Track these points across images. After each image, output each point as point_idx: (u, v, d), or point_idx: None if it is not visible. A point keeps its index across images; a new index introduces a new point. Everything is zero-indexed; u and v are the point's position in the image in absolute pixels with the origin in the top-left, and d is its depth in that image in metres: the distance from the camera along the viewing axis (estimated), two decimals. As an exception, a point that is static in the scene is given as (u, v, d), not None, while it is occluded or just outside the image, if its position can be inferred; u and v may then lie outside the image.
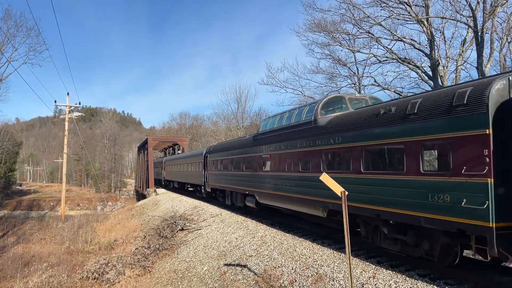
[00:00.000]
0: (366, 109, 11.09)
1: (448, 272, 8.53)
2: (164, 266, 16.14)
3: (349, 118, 11.34)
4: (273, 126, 16.44)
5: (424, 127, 8.23)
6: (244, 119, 55.89)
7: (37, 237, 29.87)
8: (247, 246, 13.98)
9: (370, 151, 9.90)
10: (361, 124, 10.39)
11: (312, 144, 12.76)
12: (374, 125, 9.78)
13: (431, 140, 8.08)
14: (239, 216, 19.72)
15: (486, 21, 19.63)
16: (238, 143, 21.16)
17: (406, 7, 22.33)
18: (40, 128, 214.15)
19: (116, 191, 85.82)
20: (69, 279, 16.43)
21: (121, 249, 20.89)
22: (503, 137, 6.89)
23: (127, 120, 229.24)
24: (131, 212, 36.22)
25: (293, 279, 10.17)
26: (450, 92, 7.95)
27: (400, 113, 9.01)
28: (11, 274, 18.34)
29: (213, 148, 26.71)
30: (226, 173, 22.33)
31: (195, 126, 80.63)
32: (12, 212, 54.85)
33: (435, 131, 7.96)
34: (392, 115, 9.26)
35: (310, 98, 29.55)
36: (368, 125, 10.01)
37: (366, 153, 10.03)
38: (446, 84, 22.12)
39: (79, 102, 40.98)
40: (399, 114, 9.02)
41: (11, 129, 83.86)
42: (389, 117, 9.31)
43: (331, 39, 26.33)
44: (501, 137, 6.89)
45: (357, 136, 10.38)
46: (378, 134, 9.58)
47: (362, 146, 10.10)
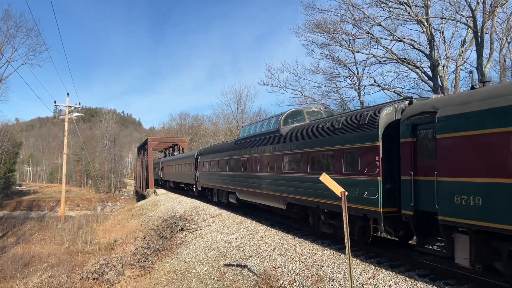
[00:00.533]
0: (312, 123, 14.01)
1: (447, 272, 8.54)
2: (164, 267, 16.14)
3: (301, 129, 14.20)
4: (249, 133, 19.29)
5: (344, 138, 11.05)
6: (244, 120, 55.84)
7: (37, 237, 29.84)
8: (247, 246, 13.98)
9: (313, 155, 12.74)
10: (307, 134, 13.33)
11: (276, 149, 15.57)
12: (315, 136, 12.71)
13: (348, 149, 10.86)
14: (239, 216, 19.73)
15: (486, 21, 19.64)
16: (223, 147, 24.02)
17: (406, 7, 22.32)
18: (40, 128, 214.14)
19: (116, 192, 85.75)
20: (69, 280, 16.42)
21: (121, 249, 20.89)
22: (389, 148, 9.66)
23: (127, 121, 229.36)
24: (131, 212, 36.22)
25: (293, 279, 10.17)
26: (360, 114, 10.77)
27: (331, 127, 11.85)
28: (11, 275, 18.33)
29: (203, 151, 29.31)
30: (213, 173, 24.99)
31: (194, 127, 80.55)
32: (11, 212, 54.84)
33: (351, 142, 10.74)
34: (326, 129, 12.13)
35: (310, 99, 29.58)
36: (312, 136, 12.93)
37: (311, 157, 12.83)
38: (446, 84, 22.13)
39: (79, 103, 40.93)
40: (330, 129, 11.85)
41: (11, 130, 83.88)
42: (325, 130, 12.19)
43: (331, 39, 26.32)
44: (388, 148, 9.67)
45: (305, 144, 13.25)
46: (318, 143, 12.43)
47: (309, 152, 12.97)
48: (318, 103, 29.89)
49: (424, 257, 9.95)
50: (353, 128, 10.75)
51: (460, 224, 7.70)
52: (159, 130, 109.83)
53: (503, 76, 22.50)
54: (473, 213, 7.31)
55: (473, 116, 7.49)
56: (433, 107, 8.60)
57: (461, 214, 7.57)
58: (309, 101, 29.87)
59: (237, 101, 56.17)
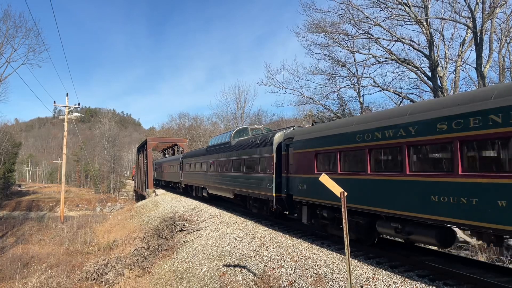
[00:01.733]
0: (247, 138, 20.34)
1: (446, 272, 8.54)
2: (163, 267, 16.12)
3: (241, 142, 20.19)
4: (214, 142, 25.32)
5: (259, 150, 17.20)
6: (243, 120, 55.89)
7: (36, 238, 29.83)
8: (247, 247, 13.98)
9: (247, 160, 18.73)
10: (244, 146, 19.38)
11: (228, 156, 21.67)
12: (247, 147, 18.79)
13: (262, 157, 16.81)
14: (238, 217, 19.72)
15: (485, 22, 19.65)
16: (198, 152, 30.04)
17: (405, 8, 22.34)
18: (39, 128, 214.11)
19: (115, 192, 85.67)
20: (68, 280, 16.40)
21: (120, 250, 20.88)
22: (278, 157, 15.58)
23: (127, 121, 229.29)
24: (130, 213, 36.19)
25: (292, 280, 10.16)
26: (267, 135, 16.97)
27: (254, 142, 17.90)
28: (10, 275, 18.33)
29: (186, 155, 35.23)
30: (192, 173, 31.00)
31: (194, 127, 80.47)
32: (11, 213, 54.84)
33: (262, 153, 16.86)
34: (252, 143, 18.10)
35: (310, 99, 29.57)
36: (246, 147, 18.96)
37: (246, 161, 18.89)
38: (445, 85, 22.14)
39: (78, 103, 40.97)
40: (254, 143, 17.91)
41: (10, 130, 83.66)
42: (252, 144, 18.15)
43: (331, 39, 26.33)
44: (278, 157, 15.60)
45: (243, 152, 19.33)
46: (249, 152, 18.45)
47: (244, 158, 19.04)
48: (317, 103, 29.92)
49: (424, 257, 9.99)
50: (263, 144, 16.92)
51: (302, 200, 13.79)
52: (159, 131, 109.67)
53: (502, 77, 22.51)
54: (305, 194, 13.40)
55: (302, 142, 13.77)
56: (292, 135, 14.67)
57: (302, 195, 13.68)
58: (309, 101, 29.87)
59: (237, 101, 56.28)
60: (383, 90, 26.08)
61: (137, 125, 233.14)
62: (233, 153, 20.70)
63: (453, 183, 7.65)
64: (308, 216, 13.65)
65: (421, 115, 8.56)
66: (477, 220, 7.17)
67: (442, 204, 7.85)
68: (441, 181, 7.93)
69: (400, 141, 9.03)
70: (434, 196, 8.03)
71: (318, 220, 13.06)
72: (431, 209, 8.12)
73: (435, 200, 8.02)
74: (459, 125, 7.60)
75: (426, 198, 8.20)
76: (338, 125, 11.85)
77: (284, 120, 63.26)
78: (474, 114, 7.33)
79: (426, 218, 8.29)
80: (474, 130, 7.32)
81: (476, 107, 7.33)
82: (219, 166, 23.10)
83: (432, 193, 8.07)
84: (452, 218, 7.66)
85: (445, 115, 7.91)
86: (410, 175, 8.73)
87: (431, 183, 8.16)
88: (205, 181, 26.52)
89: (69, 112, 40.07)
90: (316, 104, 30.39)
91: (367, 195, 10.10)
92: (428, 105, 8.74)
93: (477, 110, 7.28)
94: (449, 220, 7.74)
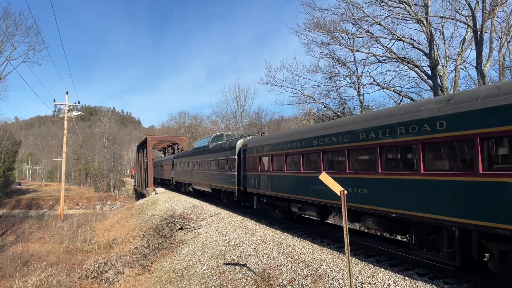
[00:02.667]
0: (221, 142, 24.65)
1: (448, 271, 8.55)
2: (163, 265, 16.14)
3: (216, 146, 24.70)
4: (198, 146, 30.16)
5: (228, 153, 21.35)
6: (243, 119, 55.91)
7: (36, 236, 29.82)
8: (246, 245, 13.99)
9: (220, 161, 22.94)
10: (217, 149, 23.83)
11: (207, 157, 26.10)
12: (220, 151, 23.15)
13: (229, 159, 20.98)
14: (238, 215, 19.74)
15: (486, 20, 19.63)
16: (186, 153, 34.96)
17: (405, 6, 22.31)
18: (39, 127, 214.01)
19: (115, 190, 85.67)
20: (68, 278, 16.42)
21: (120, 248, 20.89)
22: (239, 159, 19.72)
23: (126, 119, 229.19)
24: (130, 211, 36.21)
25: (292, 278, 10.17)
26: (233, 141, 20.94)
27: (224, 147, 22.30)
28: (10, 273, 18.32)
29: (177, 155, 40.18)
30: (182, 171, 35.59)
31: (194, 126, 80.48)
32: (11, 211, 54.83)
33: (230, 155, 20.92)
34: (224, 147, 22.36)
35: (309, 98, 29.56)
36: (219, 150, 23.37)
37: (219, 162, 23.08)
38: (445, 83, 22.13)
39: (78, 101, 41.01)
40: (224, 147, 22.21)
41: (10, 128, 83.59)
42: (223, 148, 22.49)
43: (331, 38, 26.30)
44: (239, 159, 19.75)
45: (217, 155, 23.62)
46: (221, 155, 22.81)
47: (218, 159, 23.27)
48: (317, 102, 29.92)
49: (424, 256, 9.94)
50: (230, 149, 21.27)
51: (253, 192, 18.14)
52: (159, 129, 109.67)
53: (502, 76, 22.50)
54: (254, 187, 17.69)
55: (252, 148, 18.16)
56: (247, 143, 19.20)
57: (252, 187, 18.03)
58: (309, 100, 29.86)
59: (237, 100, 56.28)
60: (383, 89, 26.07)
61: (137, 123, 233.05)
62: (210, 155, 25.14)
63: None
64: (257, 203, 18.48)
65: (307, 134, 13.29)
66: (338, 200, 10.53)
67: (322, 191, 11.75)
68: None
69: (284, 152, 14.83)
70: (313, 186, 12.48)
71: (262, 205, 17.88)
72: (315, 194, 12.47)
73: (316, 188, 12.32)
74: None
75: (311, 187, 12.64)
76: (270, 137, 16.96)
77: (284, 119, 63.25)
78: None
79: (312, 200, 12.87)
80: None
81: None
82: (201, 165, 27.63)
83: (313, 184, 12.55)
84: (328, 199, 11.61)
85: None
86: (303, 173, 13.38)
87: (313, 177, 12.42)
88: (191, 178, 31.26)
89: (69, 110, 40.04)
90: (316, 102, 30.40)
91: (285, 186, 14.78)
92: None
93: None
94: (325, 201, 11.98)
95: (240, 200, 20.34)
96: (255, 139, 18.65)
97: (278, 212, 16.47)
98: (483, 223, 6.96)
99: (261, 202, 17.91)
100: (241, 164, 19.61)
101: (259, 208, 18.33)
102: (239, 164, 19.83)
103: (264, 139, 17.33)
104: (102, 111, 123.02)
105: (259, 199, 18.11)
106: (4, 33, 38.25)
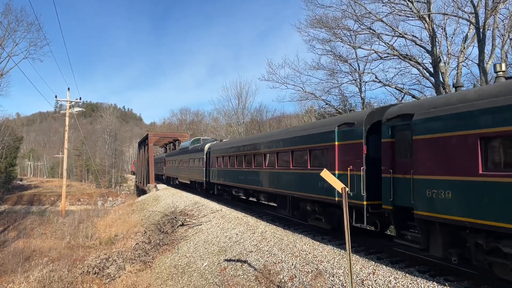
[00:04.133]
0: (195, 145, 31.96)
1: (448, 268, 8.56)
2: (165, 261, 16.19)
3: (193, 148, 32.00)
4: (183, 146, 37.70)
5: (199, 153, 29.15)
6: (244, 115, 55.78)
7: (37, 232, 29.93)
8: (247, 241, 14.02)
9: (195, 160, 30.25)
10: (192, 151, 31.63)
11: (187, 156, 33.32)
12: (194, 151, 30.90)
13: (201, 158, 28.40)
14: (239, 212, 19.77)
15: (488, 17, 19.54)
16: (174, 152, 42.71)
17: (407, 3, 22.21)
18: (41, 123, 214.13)
19: (117, 187, 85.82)
20: (70, 274, 16.47)
21: (121, 244, 20.95)
22: (206, 158, 27.09)
23: (128, 116, 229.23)
24: (131, 207, 36.29)
25: (293, 274, 10.20)
26: (203, 145, 29.12)
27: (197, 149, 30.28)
28: (12, 269, 18.41)
29: (167, 154, 48.70)
30: (171, 167, 43.58)
31: (195, 122, 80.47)
32: (13, 207, 55.00)
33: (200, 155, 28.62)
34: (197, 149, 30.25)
35: (311, 95, 29.55)
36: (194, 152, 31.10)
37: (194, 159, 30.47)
38: (447, 81, 22.07)
39: (79, 98, 40.95)
40: (197, 149, 30.21)
41: (12, 124, 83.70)
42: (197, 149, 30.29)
43: (332, 35, 26.23)
44: (207, 158, 26.98)
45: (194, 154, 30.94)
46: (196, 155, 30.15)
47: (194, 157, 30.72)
48: (319, 99, 29.91)
49: (424, 253, 9.95)
50: (200, 150, 28.31)
51: (215, 182, 25.04)
52: (160, 126, 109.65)
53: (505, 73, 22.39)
54: (214, 178, 24.95)
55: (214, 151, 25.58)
56: (211, 146, 26.65)
57: (213, 179, 25.06)
58: (310, 97, 29.85)
59: (238, 96, 56.09)
60: (384, 86, 26.05)
61: (138, 120, 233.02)
62: (190, 155, 32.49)
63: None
64: (216, 190, 25.58)
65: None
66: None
67: (246, 180, 19.07)
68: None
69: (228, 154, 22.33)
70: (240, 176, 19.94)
71: (218, 191, 25.14)
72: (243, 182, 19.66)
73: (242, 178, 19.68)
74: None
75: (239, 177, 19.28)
76: (223, 143, 25.05)
77: (286, 116, 63.10)
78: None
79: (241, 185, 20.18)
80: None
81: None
82: (183, 162, 35.52)
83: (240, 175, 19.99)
84: (248, 185, 17.73)
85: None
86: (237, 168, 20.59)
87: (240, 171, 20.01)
88: (177, 173, 39.21)
89: (71, 106, 40.09)
90: (317, 99, 30.40)
91: (229, 177, 22.12)
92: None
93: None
94: (247, 186, 19.30)
95: (208, 188, 27.33)
96: (215, 144, 26.64)
97: (227, 195, 23.94)
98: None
99: (218, 189, 25.28)
100: (207, 162, 26.79)
101: (217, 193, 25.62)
102: (206, 162, 26.94)
103: (220, 144, 25.20)
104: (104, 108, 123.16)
105: (217, 187, 25.34)
106: (6, 29, 38.30)
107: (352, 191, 10.45)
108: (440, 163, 7.75)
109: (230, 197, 23.31)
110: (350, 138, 10.89)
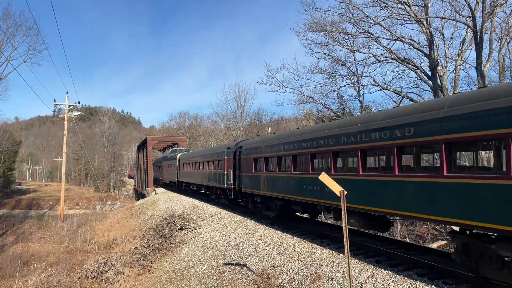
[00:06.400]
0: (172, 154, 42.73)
1: (447, 271, 8.57)
2: (163, 266, 16.16)
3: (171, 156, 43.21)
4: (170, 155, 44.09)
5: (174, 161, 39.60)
6: (243, 119, 55.92)
7: (36, 236, 29.86)
8: (246, 245, 14.00)
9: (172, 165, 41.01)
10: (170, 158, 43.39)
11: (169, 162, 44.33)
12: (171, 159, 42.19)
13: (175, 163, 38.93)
14: (238, 215, 19.75)
15: (485, 21, 19.65)
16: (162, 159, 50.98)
17: (405, 7, 22.34)
18: (39, 127, 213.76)
19: (115, 191, 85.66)
20: (68, 278, 16.43)
21: (120, 248, 20.91)
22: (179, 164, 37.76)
23: (127, 119, 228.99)
24: (130, 211, 36.24)
25: (291, 278, 10.19)
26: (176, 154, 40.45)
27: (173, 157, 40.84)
28: (10, 273, 18.35)
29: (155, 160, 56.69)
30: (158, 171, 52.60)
31: (194, 126, 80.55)
32: (11, 211, 54.85)
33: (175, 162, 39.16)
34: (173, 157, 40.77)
35: (309, 98, 29.62)
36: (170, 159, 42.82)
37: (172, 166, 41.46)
38: (445, 84, 22.16)
39: (78, 101, 41.04)
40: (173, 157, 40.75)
41: (10, 128, 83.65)
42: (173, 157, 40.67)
43: (331, 39, 26.34)
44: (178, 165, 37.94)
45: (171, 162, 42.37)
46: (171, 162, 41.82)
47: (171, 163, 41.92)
48: (317, 102, 29.97)
49: (423, 256, 10.02)
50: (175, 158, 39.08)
51: (183, 181, 36.10)
52: (159, 129, 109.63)
53: (502, 76, 22.52)
54: (182, 178, 36.48)
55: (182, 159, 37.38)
56: (181, 155, 37.93)
57: (182, 179, 36.28)
58: (309, 100, 29.91)
59: (237, 100, 56.28)
60: (383, 89, 26.11)
61: (137, 123, 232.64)
62: (169, 161, 43.43)
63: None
64: (183, 186, 34.57)
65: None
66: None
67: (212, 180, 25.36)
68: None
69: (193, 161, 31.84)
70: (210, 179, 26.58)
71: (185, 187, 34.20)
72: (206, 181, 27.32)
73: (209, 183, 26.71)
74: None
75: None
76: (191, 153, 34.82)
77: (284, 119, 63.30)
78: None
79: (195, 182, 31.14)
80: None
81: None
82: (167, 167, 45.06)
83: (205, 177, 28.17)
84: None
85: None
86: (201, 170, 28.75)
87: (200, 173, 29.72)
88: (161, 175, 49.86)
89: (69, 110, 40.09)
90: (316, 103, 30.46)
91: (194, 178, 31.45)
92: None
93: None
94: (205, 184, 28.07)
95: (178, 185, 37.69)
96: (184, 154, 37.63)
97: (189, 189, 34.57)
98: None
99: (184, 186, 35.98)
100: (178, 167, 37.08)
101: (183, 189, 36.11)
102: (178, 167, 37.36)
103: (186, 154, 36.23)
104: (102, 111, 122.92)
105: (184, 184, 35.77)
106: (5, 33, 38.27)
107: (229, 181, 21.15)
108: (247, 168, 18.69)
109: (190, 190, 34.80)
110: (229, 155, 21.51)
